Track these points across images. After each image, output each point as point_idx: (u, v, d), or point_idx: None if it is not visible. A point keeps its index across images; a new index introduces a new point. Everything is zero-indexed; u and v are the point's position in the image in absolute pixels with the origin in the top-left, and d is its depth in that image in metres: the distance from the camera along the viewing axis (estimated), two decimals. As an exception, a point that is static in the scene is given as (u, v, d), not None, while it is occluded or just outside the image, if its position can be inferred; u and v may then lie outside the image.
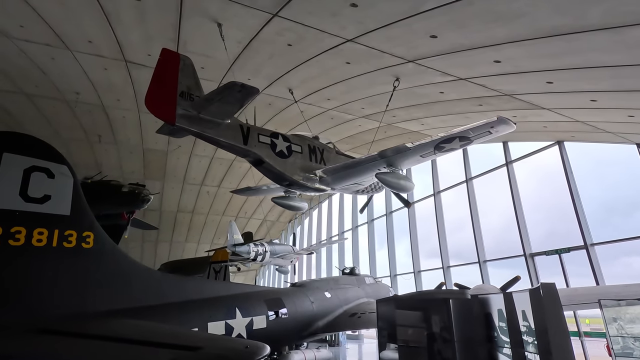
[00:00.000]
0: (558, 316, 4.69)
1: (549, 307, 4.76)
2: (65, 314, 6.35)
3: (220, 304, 8.85)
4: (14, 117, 18.19)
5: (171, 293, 8.28)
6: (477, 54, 7.58)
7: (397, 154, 7.89)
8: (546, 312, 4.68)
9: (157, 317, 7.41)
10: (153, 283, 8.06)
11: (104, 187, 16.25)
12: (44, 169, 6.67)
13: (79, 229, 6.88)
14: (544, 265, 14.87)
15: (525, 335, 4.98)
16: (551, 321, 4.63)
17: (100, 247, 7.18)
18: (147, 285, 7.87)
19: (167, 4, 7.60)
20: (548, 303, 4.78)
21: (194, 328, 7.89)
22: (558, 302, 4.79)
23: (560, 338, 4.52)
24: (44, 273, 6.27)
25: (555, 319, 4.65)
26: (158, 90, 6.58)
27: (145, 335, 4.77)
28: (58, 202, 6.70)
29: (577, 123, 10.92)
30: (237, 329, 8.81)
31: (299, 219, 32.50)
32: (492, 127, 6.99)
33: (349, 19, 7.07)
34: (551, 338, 4.44)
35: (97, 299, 6.94)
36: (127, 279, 7.58)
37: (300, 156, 8.57)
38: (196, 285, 8.97)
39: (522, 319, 5.07)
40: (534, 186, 16.92)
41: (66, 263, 6.60)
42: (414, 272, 18.74)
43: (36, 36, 10.70)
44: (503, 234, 17.71)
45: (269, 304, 9.81)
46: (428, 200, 19.00)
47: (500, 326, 5.81)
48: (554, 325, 4.59)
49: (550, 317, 4.67)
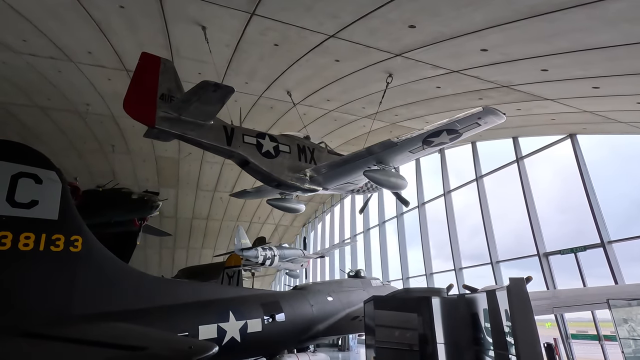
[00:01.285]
0: (526, 313, 4.35)
1: (517, 303, 4.43)
2: (51, 317, 6.44)
3: (214, 307, 8.80)
4: (31, 130, 18.97)
5: (163, 296, 8.30)
6: (462, 43, 7.31)
7: (384, 150, 7.68)
8: (513, 308, 4.36)
9: (145, 320, 7.42)
10: (145, 286, 8.11)
11: (114, 194, 16.67)
12: (31, 175, 6.82)
13: (66, 233, 6.99)
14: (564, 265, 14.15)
15: (509, 337, 4.66)
16: (518, 318, 4.30)
17: (89, 250, 7.26)
18: (138, 288, 7.91)
19: (150, 9, 7.72)
20: (515, 299, 4.46)
21: (183, 331, 7.86)
22: (526, 299, 4.45)
23: (527, 336, 4.18)
24: (30, 277, 6.39)
25: (522, 317, 4.31)
26: (136, 93, 6.65)
27: (99, 336, 4.76)
28: (45, 207, 6.83)
29: (586, 114, 10.37)
30: (230, 332, 8.74)
31: (312, 223, 32.38)
32: (480, 118, 6.70)
33: (323, 13, 6.97)
34: (519, 335, 4.11)
35: (86, 302, 7.00)
36: (117, 282, 7.64)
37: (289, 156, 8.48)
38: (190, 289, 8.96)
39: (505, 319, 4.74)
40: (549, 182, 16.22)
41: (53, 267, 6.70)
42: (425, 274, 18.25)
43: (40, 49, 11.12)
44: (524, 233, 16.94)
45: (265, 307, 9.70)
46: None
47: (486, 327, 5.48)
48: (522, 323, 4.26)
49: (518, 314, 4.34)
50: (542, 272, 13.60)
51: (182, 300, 8.43)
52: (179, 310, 8.16)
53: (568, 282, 14.49)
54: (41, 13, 8.47)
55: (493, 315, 5.08)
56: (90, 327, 5.86)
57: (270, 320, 9.63)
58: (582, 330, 13.41)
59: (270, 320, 9.63)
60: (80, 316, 6.78)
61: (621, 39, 6.26)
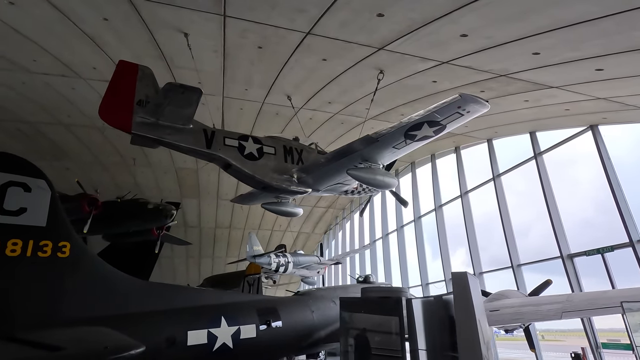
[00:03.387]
0: (467, 308, 3.91)
1: (458, 298, 4.00)
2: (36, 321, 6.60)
3: (205, 313, 8.75)
4: (59, 147, 20.12)
5: (154, 301, 8.35)
6: (437, 29, 6.96)
7: (366, 146, 7.40)
8: (455, 303, 3.94)
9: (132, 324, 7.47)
10: (135, 292, 8.19)
11: (132, 205, 17.24)
12: (20, 184, 7.10)
13: (54, 239, 7.18)
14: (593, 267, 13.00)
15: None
16: (459, 313, 3.88)
17: (78, 256, 7.42)
18: (127, 293, 8.00)
19: (131, 19, 7.95)
20: (457, 294, 4.03)
21: (171, 336, 7.85)
22: (468, 294, 4.01)
23: (467, 333, 3.75)
24: (17, 281, 6.60)
25: (463, 311, 3.88)
26: (112, 100, 6.79)
27: (46, 338, 4.78)
28: (34, 214, 7.07)
29: (600, 101, 9.58)
30: (221, 337, 8.63)
31: (333, 229, 32.08)
32: (460, 107, 6.29)
33: (289, 8, 6.89)
34: (458, 329, 3.69)
35: (73, 307, 7.14)
36: (106, 287, 7.75)
37: (274, 157, 8.36)
38: (182, 294, 8.99)
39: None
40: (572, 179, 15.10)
41: (40, 272, 6.89)
42: (444, 280, 17.44)
43: (50, 68, 11.76)
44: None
45: (260, 313, 9.54)
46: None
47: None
48: (462, 317, 3.84)
49: (458, 309, 3.92)
50: (567, 275, 12.58)
51: (173, 306, 8.44)
52: (168, 315, 8.17)
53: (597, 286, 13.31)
54: (39, 31, 8.97)
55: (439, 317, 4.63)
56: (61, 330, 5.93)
57: (265, 327, 9.45)
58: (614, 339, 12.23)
59: (265, 327, 9.45)
60: (66, 321, 6.92)
61: (599, 10, 5.68)
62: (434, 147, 18.87)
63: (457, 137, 16.54)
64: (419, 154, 20.07)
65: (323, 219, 30.78)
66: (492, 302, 9.15)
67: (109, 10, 7.60)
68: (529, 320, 7.97)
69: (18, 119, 16.29)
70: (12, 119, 16.24)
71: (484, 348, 3.77)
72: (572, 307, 7.34)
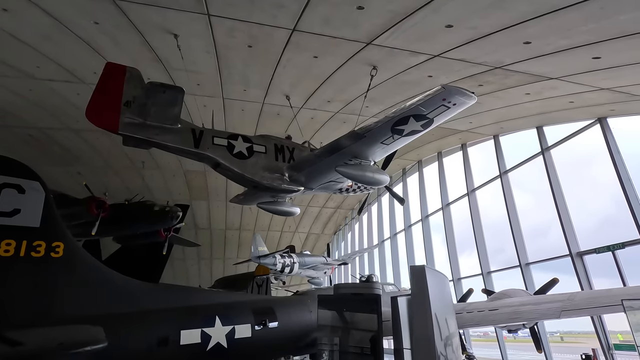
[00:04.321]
0: (423, 303, 3.75)
1: (415, 293, 3.85)
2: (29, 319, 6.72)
3: (199, 312, 8.77)
4: (71, 152, 20.63)
5: (147, 301, 8.41)
6: (421, 20, 6.83)
7: (352, 142, 7.30)
8: (413, 298, 3.79)
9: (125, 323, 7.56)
10: (128, 291, 8.27)
11: (138, 207, 17.51)
12: (14, 185, 7.27)
13: (48, 240, 7.32)
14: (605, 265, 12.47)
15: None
16: (416, 307, 3.73)
17: (71, 256, 7.53)
18: (121, 293, 8.09)
19: (120, 22, 8.06)
20: (414, 289, 3.87)
21: (163, 336, 7.89)
22: (425, 289, 3.84)
23: (422, 328, 3.59)
24: (10, 281, 6.75)
25: (420, 307, 3.73)
26: (99, 101, 6.90)
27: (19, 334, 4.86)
28: (27, 215, 7.22)
29: (604, 91, 9.22)
30: (215, 337, 8.64)
31: (342, 230, 31.89)
32: (445, 99, 6.13)
33: (268, 4, 6.85)
34: (415, 324, 3.54)
35: (66, 306, 7.25)
36: (99, 286, 7.85)
37: (264, 156, 8.34)
38: (176, 294, 9.04)
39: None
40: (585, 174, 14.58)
41: (34, 271, 7.03)
42: (452, 279, 17.09)
43: (54, 74, 12.05)
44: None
45: (255, 313, 9.51)
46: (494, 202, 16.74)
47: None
48: (418, 314, 3.68)
49: (415, 303, 3.76)
50: (576, 274, 12.12)
51: (167, 305, 8.50)
52: (161, 314, 8.21)
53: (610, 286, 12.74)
54: (36, 37, 9.20)
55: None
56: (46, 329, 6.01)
57: (261, 326, 9.41)
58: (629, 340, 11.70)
59: (261, 326, 9.41)
60: (59, 319, 7.04)
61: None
62: (440, 145, 18.57)
63: (462, 133, 16.22)
64: (425, 152, 19.78)
65: (332, 220, 30.65)
66: (491, 302, 8.88)
67: (97, 13, 7.74)
68: (526, 320, 7.70)
69: (28, 125, 16.76)
70: (23, 125, 16.72)
71: (440, 345, 3.60)
72: (572, 306, 7.04)
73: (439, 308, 3.98)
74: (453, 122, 14.86)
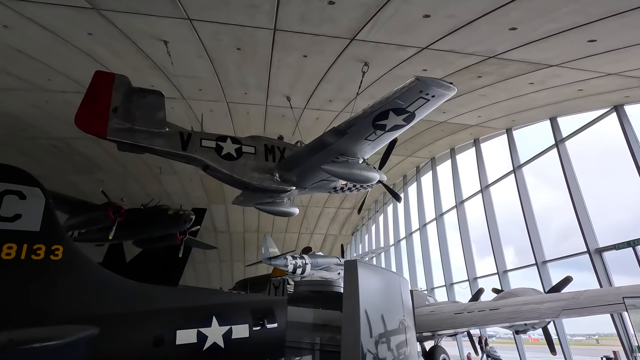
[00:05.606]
0: (352, 298, 3.58)
1: (346, 287, 3.69)
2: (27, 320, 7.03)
3: (196, 313, 8.82)
4: (92, 160, 21.51)
5: (145, 302, 8.55)
6: (396, 10, 6.65)
7: (336, 139, 7.19)
8: (344, 293, 3.65)
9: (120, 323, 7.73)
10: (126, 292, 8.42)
11: (153, 211, 18.02)
12: (16, 192, 7.58)
13: (47, 243, 7.58)
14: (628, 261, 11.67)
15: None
16: (345, 303, 3.57)
17: (70, 258, 7.78)
18: (119, 294, 8.27)
19: (110, 32, 8.33)
20: (346, 284, 3.72)
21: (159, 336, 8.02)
22: (355, 283, 3.66)
23: (349, 324, 3.44)
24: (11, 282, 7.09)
25: (349, 301, 3.57)
26: (87, 109, 7.15)
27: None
28: (28, 220, 7.51)
29: (612, 77, 8.70)
30: (211, 337, 8.64)
31: (360, 231, 31.61)
32: (422, 91, 5.93)
33: (242, 4, 6.86)
34: (343, 318, 3.40)
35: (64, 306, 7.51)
36: (98, 288, 8.03)
37: (253, 157, 8.36)
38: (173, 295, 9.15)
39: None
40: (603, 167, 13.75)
41: (34, 273, 7.34)
42: (468, 279, 16.56)
43: (65, 86, 12.61)
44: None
45: (254, 313, 9.53)
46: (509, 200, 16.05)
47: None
48: (347, 309, 3.53)
49: (345, 299, 3.61)
50: (595, 271, 11.42)
51: (164, 306, 8.64)
52: (158, 315, 8.36)
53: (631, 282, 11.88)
54: (41, 51, 9.67)
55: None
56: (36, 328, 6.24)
57: (259, 327, 9.42)
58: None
59: (259, 327, 9.42)
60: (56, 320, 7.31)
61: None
62: (452, 141, 18.06)
63: (473, 128, 15.71)
64: (438, 148, 19.29)
65: (349, 221, 30.46)
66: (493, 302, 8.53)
67: (87, 24, 8.05)
68: (526, 319, 7.31)
69: (50, 136, 17.61)
70: (45, 136, 17.59)
71: (368, 342, 3.45)
72: (574, 305, 6.65)
73: (374, 305, 3.84)
74: (461, 117, 14.44)
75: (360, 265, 3.92)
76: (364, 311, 3.52)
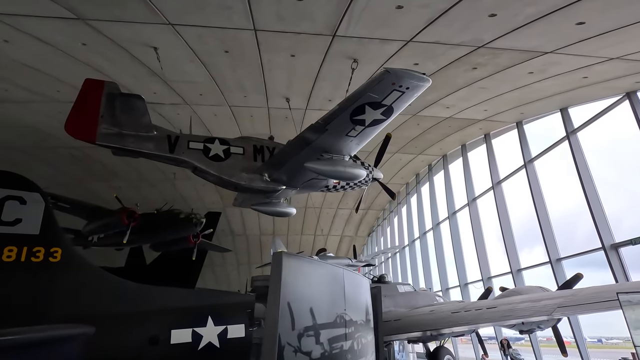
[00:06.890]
0: (275, 291, 3.45)
1: (271, 280, 3.57)
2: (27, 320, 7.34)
3: (191, 312, 8.99)
4: (109, 168, 22.27)
5: (141, 302, 8.79)
6: (365, 3, 6.45)
7: (317, 136, 7.14)
8: (270, 284, 3.54)
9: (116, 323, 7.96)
10: (123, 293, 8.69)
11: (166, 215, 18.48)
12: (17, 197, 8.01)
13: (47, 246, 7.97)
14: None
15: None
16: (270, 296, 3.46)
17: (68, 260, 8.13)
18: (116, 294, 8.54)
19: (102, 41, 8.60)
20: (271, 275, 3.61)
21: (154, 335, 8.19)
22: (278, 276, 3.54)
23: (268, 313, 3.33)
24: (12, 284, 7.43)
25: (272, 294, 3.44)
26: (77, 115, 7.43)
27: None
28: (28, 224, 7.92)
29: (616, 62, 8.24)
30: (206, 337, 8.80)
31: (376, 231, 31.21)
32: (395, 83, 5.80)
33: (217, 6, 6.91)
34: (266, 314, 3.30)
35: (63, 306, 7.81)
36: (95, 289, 8.36)
37: (241, 157, 8.42)
38: (169, 295, 9.35)
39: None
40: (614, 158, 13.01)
41: (33, 275, 7.68)
42: (482, 279, 16.03)
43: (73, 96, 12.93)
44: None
45: (251, 313, 9.57)
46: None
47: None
48: (270, 302, 3.42)
49: (270, 292, 3.49)
50: (610, 268, 10.79)
51: (161, 306, 8.83)
52: (154, 314, 8.55)
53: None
54: (43, 63, 10.10)
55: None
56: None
57: (256, 327, 9.44)
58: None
59: (256, 327, 9.44)
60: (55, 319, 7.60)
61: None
62: (462, 137, 17.57)
63: (481, 122, 15.25)
64: (448, 145, 18.81)
65: (364, 221, 30.17)
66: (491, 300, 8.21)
67: (79, 35, 8.36)
68: (520, 317, 6.95)
69: (67, 145, 18.35)
70: (63, 145, 18.36)
71: (289, 335, 3.33)
72: (569, 303, 6.30)
73: (302, 298, 3.75)
74: (467, 112, 14.04)
75: (288, 258, 3.85)
76: (287, 304, 3.45)
